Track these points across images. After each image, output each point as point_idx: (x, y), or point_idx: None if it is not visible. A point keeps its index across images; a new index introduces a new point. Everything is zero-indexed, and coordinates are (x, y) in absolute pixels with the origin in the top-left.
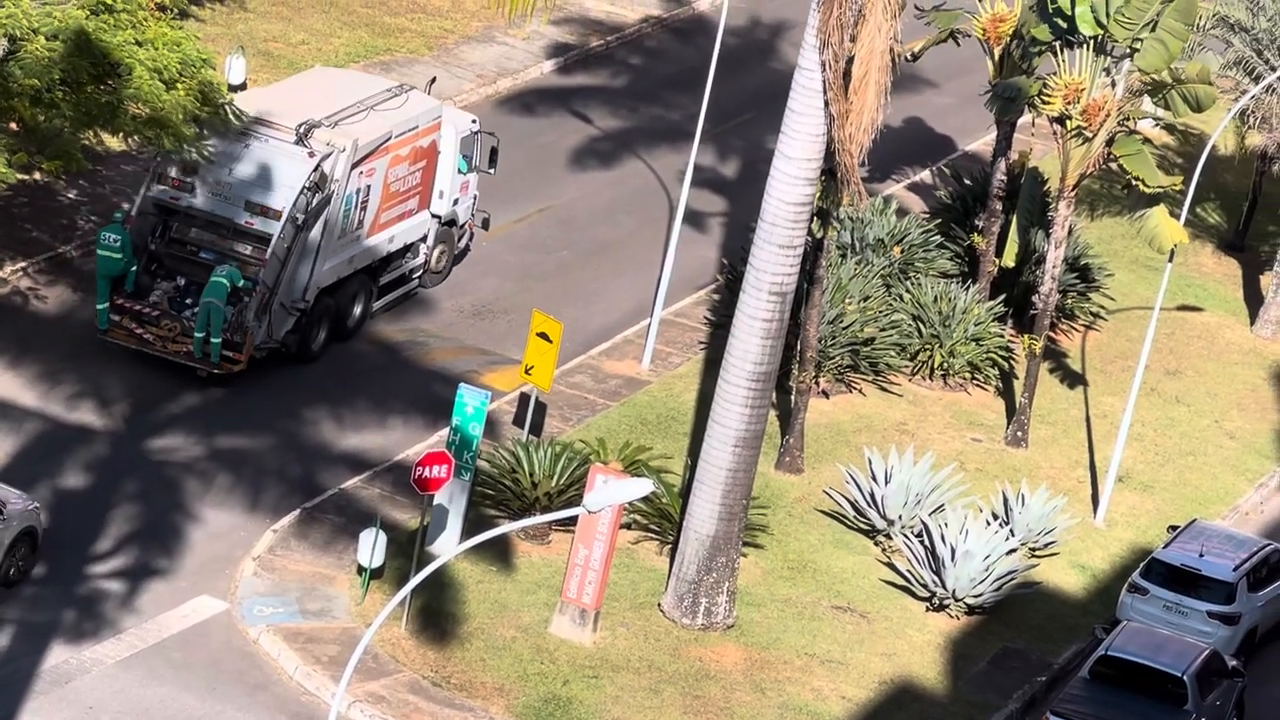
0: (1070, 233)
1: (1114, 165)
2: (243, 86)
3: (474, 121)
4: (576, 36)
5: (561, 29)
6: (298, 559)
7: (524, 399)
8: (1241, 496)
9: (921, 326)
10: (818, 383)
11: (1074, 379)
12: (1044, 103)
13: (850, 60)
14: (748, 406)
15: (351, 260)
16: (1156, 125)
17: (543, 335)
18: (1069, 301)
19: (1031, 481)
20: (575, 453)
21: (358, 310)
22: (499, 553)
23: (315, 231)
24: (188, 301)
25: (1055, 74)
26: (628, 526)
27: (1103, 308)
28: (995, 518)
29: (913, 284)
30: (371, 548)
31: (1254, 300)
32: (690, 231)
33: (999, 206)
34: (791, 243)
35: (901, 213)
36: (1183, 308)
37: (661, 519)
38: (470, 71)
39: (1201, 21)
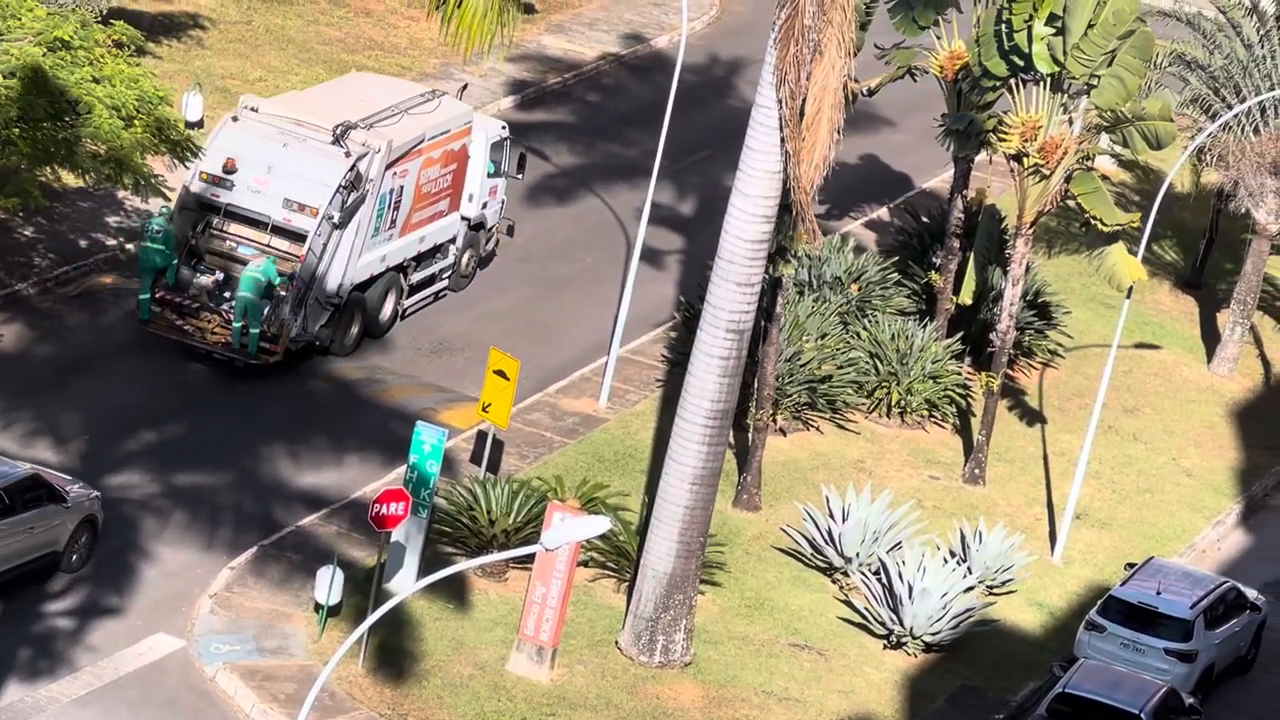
0: (1028, 270)
1: (1071, 202)
2: (200, 124)
3: (504, 128)
4: (534, 74)
5: (519, 66)
6: (255, 596)
7: (481, 436)
8: (1199, 534)
9: (879, 364)
10: (775, 420)
11: (1032, 416)
12: (1001, 140)
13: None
14: (705, 444)
15: (384, 258)
16: (1115, 162)
17: (500, 373)
18: (1027, 339)
19: (989, 519)
20: (532, 490)
21: (389, 308)
22: (456, 590)
23: (350, 229)
24: (225, 295)
25: (1012, 111)
26: (585, 564)
27: (1060, 345)
28: (953, 555)
29: (870, 321)
30: (329, 585)
31: (1211, 338)
32: (648, 269)
33: (956, 244)
34: (749, 280)
35: (859, 250)
36: (1140, 345)
37: (619, 556)
38: None
39: (1159, 58)
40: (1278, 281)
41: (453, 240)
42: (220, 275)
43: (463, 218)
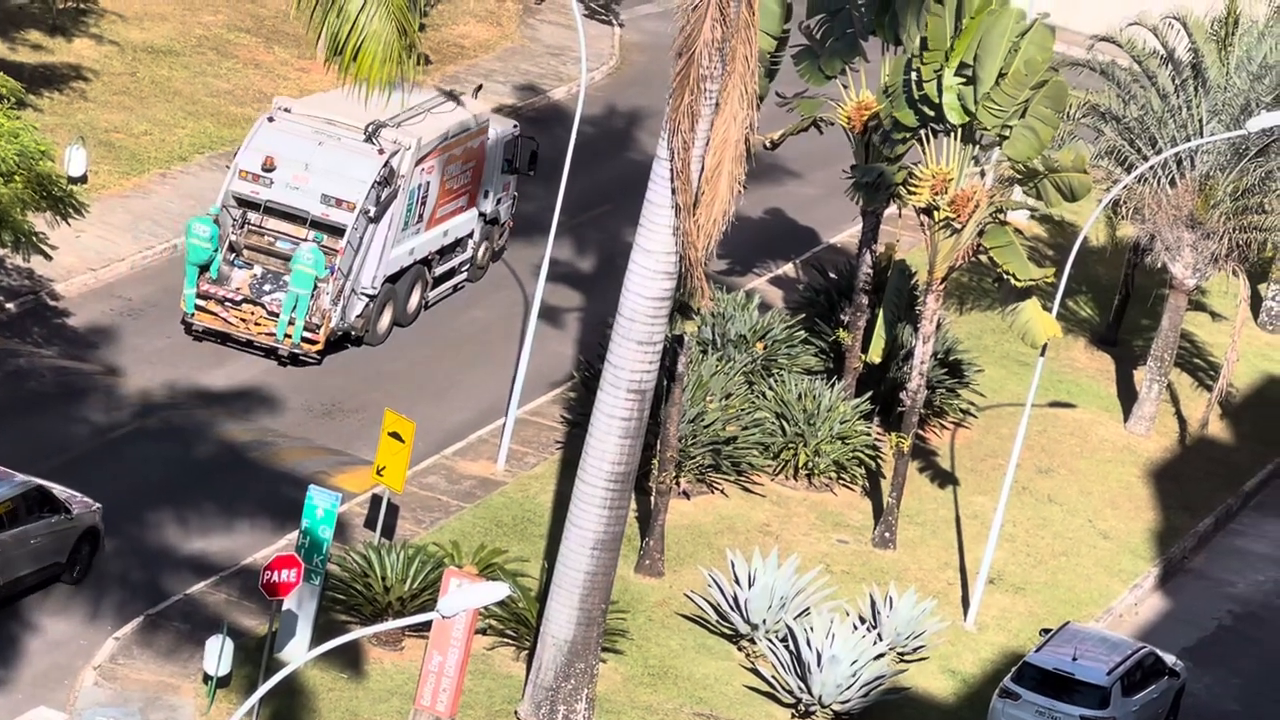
0: (939, 327)
1: (984, 257)
2: (83, 179)
3: (515, 127)
4: None
5: None
6: (141, 667)
7: (376, 501)
8: (1116, 598)
9: (785, 425)
10: (678, 483)
11: (943, 478)
12: (911, 193)
13: (706, 148)
14: (606, 508)
15: (412, 251)
16: (1031, 216)
17: (395, 435)
18: (938, 398)
19: (900, 584)
20: (429, 556)
21: (415, 299)
22: (350, 659)
23: (383, 223)
24: (265, 288)
25: (922, 163)
26: (483, 632)
27: (973, 404)
28: (862, 621)
29: (776, 381)
30: (218, 655)
31: (1127, 396)
32: (546, 327)
33: (865, 300)
34: (651, 339)
35: (764, 307)
36: (1055, 404)
37: (518, 624)
38: None
39: (1073, 109)
40: (1195, 338)
41: (471, 234)
42: (258, 269)
43: (480, 213)
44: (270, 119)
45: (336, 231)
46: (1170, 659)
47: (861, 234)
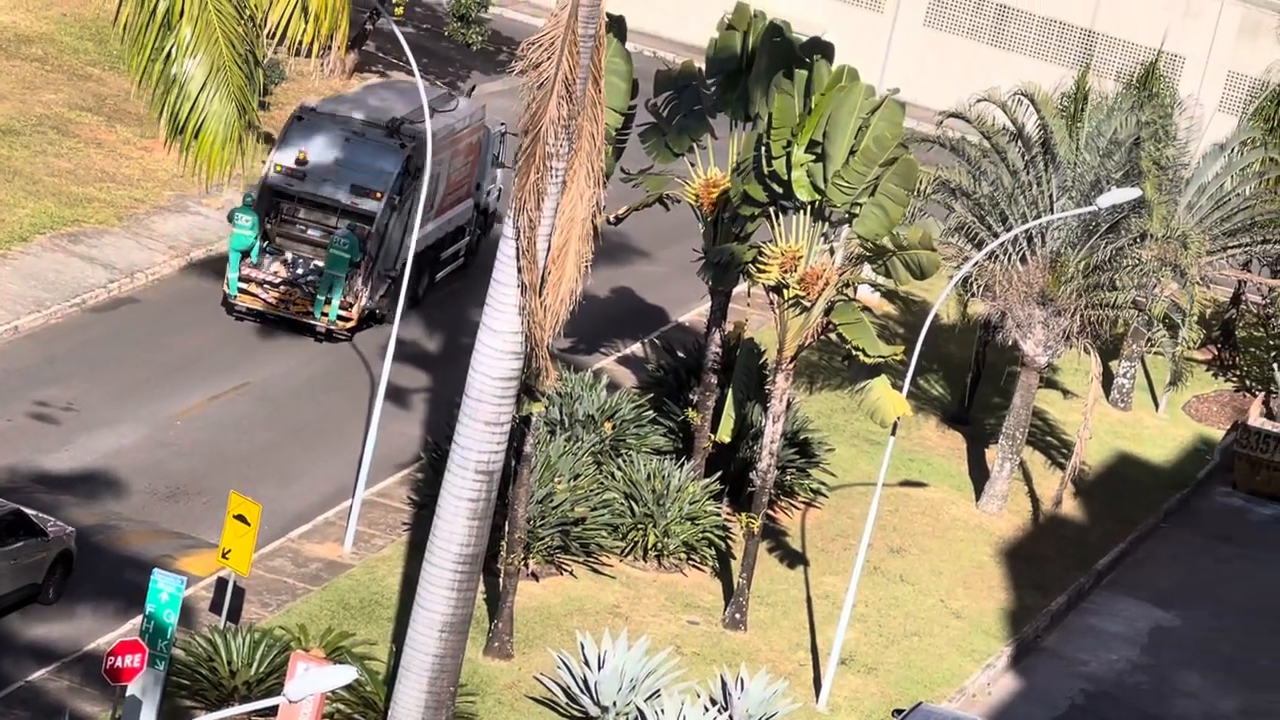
0: (789, 406)
1: (833, 335)
2: None
3: (502, 124)
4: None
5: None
6: None
7: (221, 584)
8: (968, 678)
9: (634, 505)
10: (527, 564)
11: (794, 558)
12: (760, 271)
13: (553, 227)
14: (454, 590)
15: (426, 237)
16: (877, 293)
17: (240, 517)
18: (788, 478)
19: (751, 665)
20: (275, 639)
21: (425, 281)
22: None
23: (404, 211)
24: (299, 271)
25: (771, 241)
26: (330, 716)
27: (823, 484)
28: (714, 703)
29: (625, 461)
30: None
31: (979, 474)
32: (393, 408)
33: (714, 380)
34: (498, 419)
35: (613, 387)
36: (906, 483)
37: (366, 708)
38: (162, 243)
39: (922, 186)
40: (1048, 415)
41: (469, 222)
42: (289, 255)
43: (475, 203)
44: (299, 118)
45: (366, 219)
46: None
47: (710, 312)
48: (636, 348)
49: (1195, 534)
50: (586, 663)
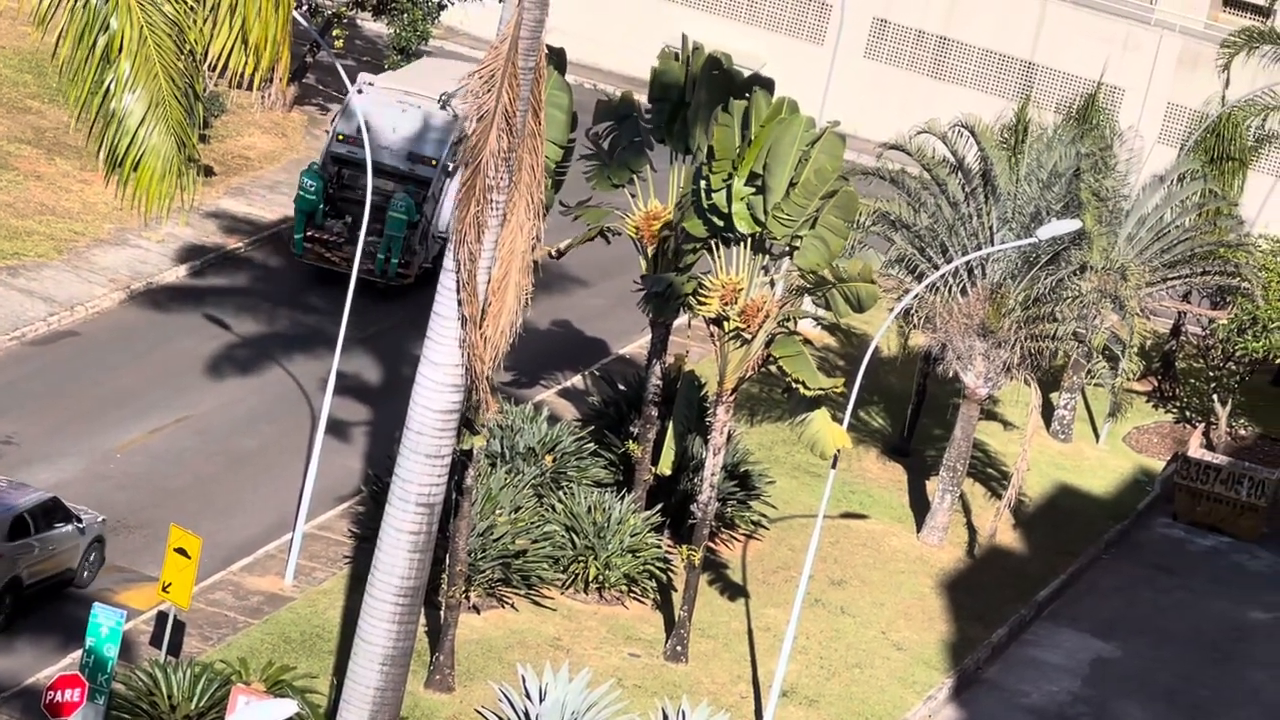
0: (729, 439)
1: (774, 367)
2: None
3: None
4: (213, 237)
5: (198, 230)
6: None
7: (162, 618)
8: (910, 709)
9: (575, 538)
10: (468, 597)
11: (735, 590)
12: (701, 303)
13: (493, 259)
14: (395, 623)
15: None
16: (817, 326)
17: (181, 551)
18: (729, 510)
19: (692, 698)
20: (216, 673)
21: None
22: None
23: (455, 177)
24: (357, 233)
25: (712, 273)
26: None
27: (764, 516)
28: None
29: (566, 494)
30: None
31: (920, 506)
32: (333, 441)
33: (655, 412)
34: (439, 452)
35: (553, 420)
36: (847, 515)
37: None
38: (103, 276)
39: (862, 218)
40: (988, 447)
41: None
42: (349, 219)
43: None
44: (360, 91)
45: (422, 184)
46: None
47: (651, 345)
48: (577, 380)
49: (1136, 565)
50: (528, 695)
